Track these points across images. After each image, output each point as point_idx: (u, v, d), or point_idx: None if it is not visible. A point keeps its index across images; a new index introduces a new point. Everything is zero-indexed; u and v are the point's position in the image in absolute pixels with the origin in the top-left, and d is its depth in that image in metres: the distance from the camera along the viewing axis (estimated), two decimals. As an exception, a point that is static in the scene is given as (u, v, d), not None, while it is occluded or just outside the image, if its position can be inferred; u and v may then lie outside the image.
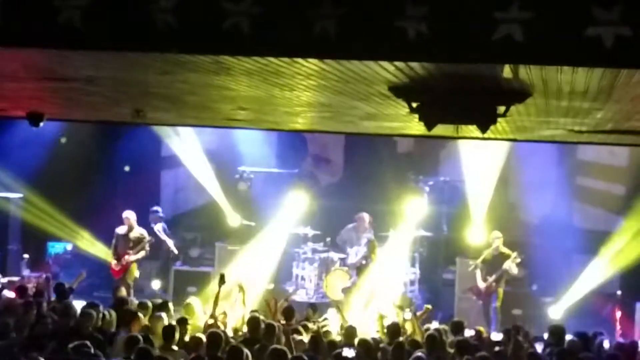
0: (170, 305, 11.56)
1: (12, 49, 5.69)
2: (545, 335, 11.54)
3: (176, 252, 16.45)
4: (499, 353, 9.99)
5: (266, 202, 17.41)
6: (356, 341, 10.06)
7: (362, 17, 4.80)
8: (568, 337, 10.71)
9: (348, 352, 9.59)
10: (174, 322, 10.19)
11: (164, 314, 10.60)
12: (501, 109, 7.02)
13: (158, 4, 4.89)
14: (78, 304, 11.30)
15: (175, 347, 9.38)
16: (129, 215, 15.43)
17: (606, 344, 10.93)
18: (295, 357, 8.83)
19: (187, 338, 9.84)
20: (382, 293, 14.32)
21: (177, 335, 9.52)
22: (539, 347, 11.15)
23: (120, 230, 15.44)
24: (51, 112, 10.83)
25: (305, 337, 10.27)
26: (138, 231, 15.41)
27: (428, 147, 17.54)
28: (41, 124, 10.67)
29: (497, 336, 11.54)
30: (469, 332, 11.30)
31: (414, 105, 6.98)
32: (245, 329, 10.56)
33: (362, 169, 17.88)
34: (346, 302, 14.17)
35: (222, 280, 11.41)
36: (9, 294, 11.86)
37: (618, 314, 14.58)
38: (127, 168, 17.94)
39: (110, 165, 18.08)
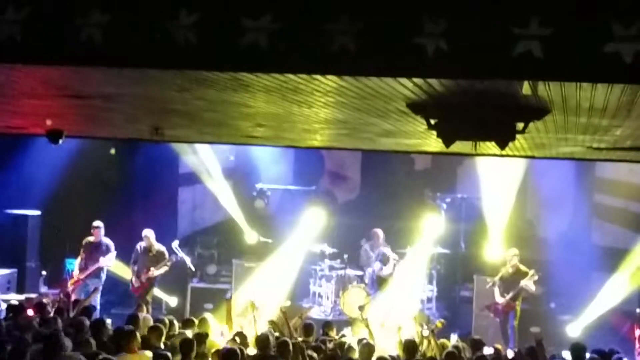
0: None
1: (32, 66, 5.72)
2: (564, 353, 11.47)
3: (193, 269, 16.47)
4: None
5: (283, 219, 17.44)
6: (374, 359, 10.03)
7: (380, 33, 4.80)
8: (586, 355, 10.65)
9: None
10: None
11: (189, 331, 10.63)
12: (520, 125, 6.99)
13: (178, 21, 4.91)
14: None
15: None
16: (148, 233, 15.44)
17: (626, 363, 10.86)
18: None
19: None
20: (400, 310, 14.28)
21: (194, 350, 9.52)
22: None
23: (140, 247, 15.47)
24: (70, 130, 10.87)
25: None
26: (158, 249, 15.43)
27: (445, 164, 17.53)
28: (60, 142, 10.72)
29: (511, 353, 11.48)
30: (487, 350, 11.24)
31: (432, 121, 6.96)
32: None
33: (379, 186, 17.88)
34: (363, 319, 14.12)
35: (227, 301, 11.54)
36: (31, 313, 11.89)
37: (637, 332, 14.47)
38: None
39: (128, 182, 18.15)
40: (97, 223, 15.32)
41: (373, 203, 17.65)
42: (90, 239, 15.31)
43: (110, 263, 15.21)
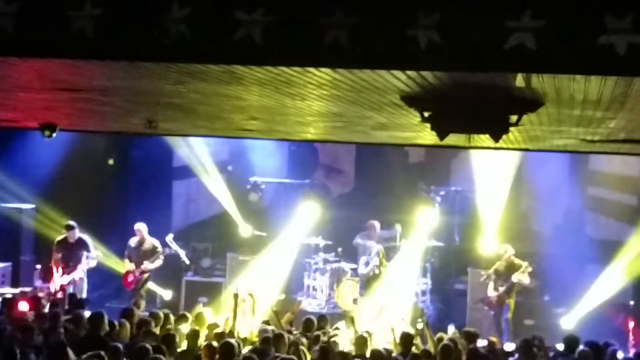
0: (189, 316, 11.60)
1: (25, 59, 5.71)
2: (558, 346, 11.49)
3: (187, 262, 16.45)
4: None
5: (277, 212, 17.44)
6: (368, 352, 10.03)
7: (374, 26, 4.79)
8: (579, 347, 10.67)
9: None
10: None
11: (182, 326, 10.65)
12: (513, 118, 6.99)
13: (171, 14, 4.90)
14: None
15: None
16: (141, 227, 15.41)
17: (620, 355, 10.87)
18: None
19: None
20: (394, 303, 14.29)
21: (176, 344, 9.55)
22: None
23: (133, 242, 15.44)
24: (64, 123, 10.86)
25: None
26: (150, 242, 15.40)
27: (439, 157, 17.54)
28: (54, 135, 10.71)
29: (509, 347, 11.50)
30: (481, 343, 11.25)
31: (426, 114, 6.96)
32: (254, 338, 10.58)
33: (373, 180, 17.88)
34: (357, 313, 14.13)
35: (235, 296, 11.53)
36: (24, 306, 11.88)
37: (631, 324, 14.52)
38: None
39: (122, 176, 18.11)
40: (72, 223, 15.21)
41: (367, 196, 17.65)
42: (63, 237, 15.21)
43: (96, 259, 15.16)
